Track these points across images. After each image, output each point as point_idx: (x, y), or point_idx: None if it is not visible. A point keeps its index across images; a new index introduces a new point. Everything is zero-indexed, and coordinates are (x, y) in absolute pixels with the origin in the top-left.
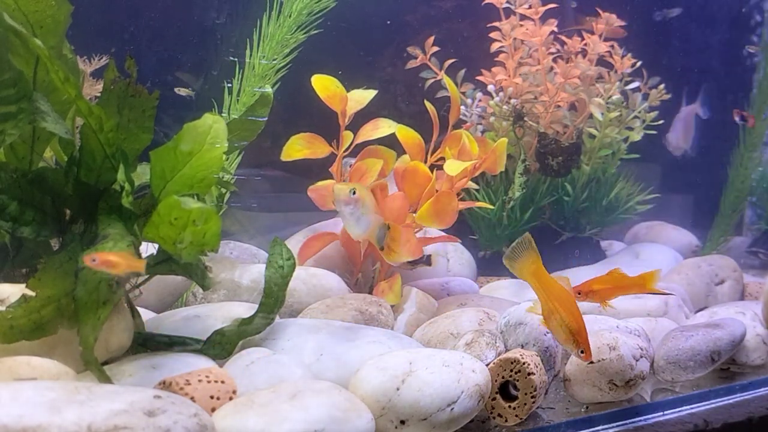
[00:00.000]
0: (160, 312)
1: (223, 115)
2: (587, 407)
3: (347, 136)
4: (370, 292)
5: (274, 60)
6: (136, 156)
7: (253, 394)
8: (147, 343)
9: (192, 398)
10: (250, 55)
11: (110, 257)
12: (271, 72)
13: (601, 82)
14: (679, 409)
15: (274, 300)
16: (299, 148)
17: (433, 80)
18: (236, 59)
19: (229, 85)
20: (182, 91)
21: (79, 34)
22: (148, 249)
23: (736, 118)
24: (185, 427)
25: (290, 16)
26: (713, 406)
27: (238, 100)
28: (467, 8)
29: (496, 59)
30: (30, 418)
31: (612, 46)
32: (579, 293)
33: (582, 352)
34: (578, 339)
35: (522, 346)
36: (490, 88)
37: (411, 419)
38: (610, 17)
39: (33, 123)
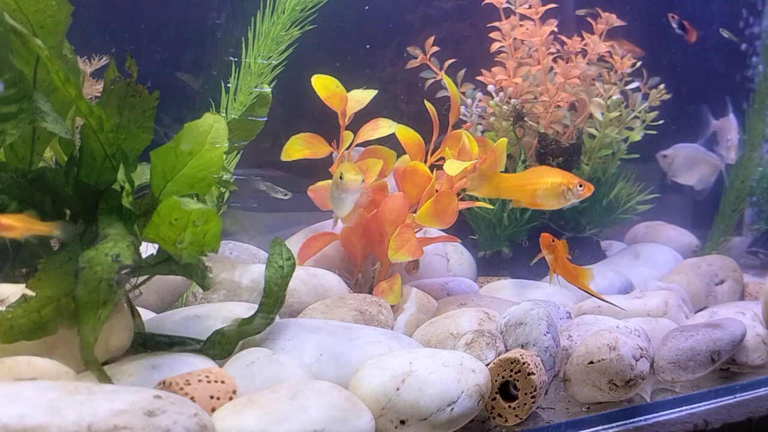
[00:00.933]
0: (160, 312)
1: (222, 114)
2: (588, 407)
3: (347, 136)
4: (370, 292)
5: (270, 58)
6: (136, 156)
7: (253, 394)
8: (147, 343)
9: (192, 398)
10: (246, 53)
11: (4, 220)
12: (267, 70)
13: (600, 81)
14: (679, 409)
15: (274, 300)
16: (299, 148)
17: (433, 80)
18: (233, 58)
19: (227, 84)
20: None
21: (78, 34)
22: (148, 249)
23: (673, 24)
24: (185, 427)
25: (284, 13)
26: (713, 406)
27: (235, 99)
28: (467, 8)
29: (496, 59)
30: (30, 418)
31: (612, 46)
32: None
33: (580, 185)
34: (566, 180)
35: (522, 346)
36: (490, 88)
37: (411, 419)
38: (610, 17)
39: (33, 123)
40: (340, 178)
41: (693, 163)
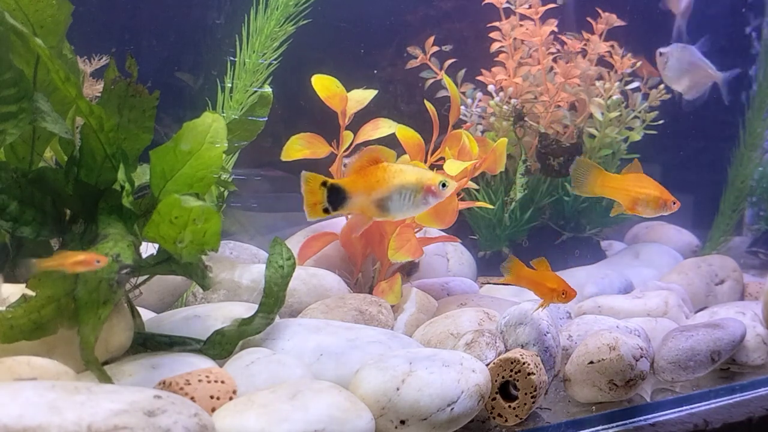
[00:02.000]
0: (160, 312)
1: (223, 114)
2: (594, 407)
3: (347, 136)
4: (370, 292)
5: (264, 54)
6: (136, 156)
7: (253, 394)
8: (147, 343)
9: (192, 398)
10: (241, 50)
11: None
12: (263, 68)
13: (597, 84)
14: (679, 409)
15: (274, 300)
16: (299, 148)
17: (433, 80)
18: (230, 58)
19: (223, 84)
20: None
21: (77, 34)
22: (148, 249)
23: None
24: (185, 427)
25: (277, 9)
26: (713, 406)
27: (231, 98)
28: (467, 8)
29: (496, 59)
30: (30, 418)
31: (612, 46)
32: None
33: (674, 203)
34: (664, 196)
35: (522, 346)
36: (490, 88)
37: (411, 419)
38: (610, 17)
39: (33, 123)
40: (443, 186)
41: (687, 67)
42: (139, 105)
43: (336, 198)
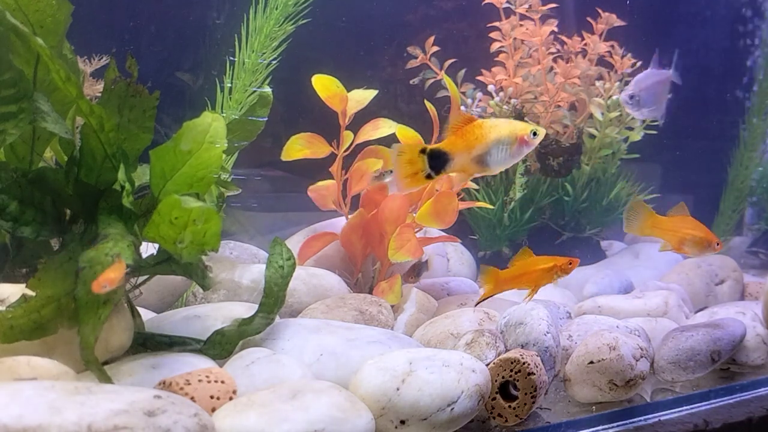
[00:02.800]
0: (160, 312)
1: (223, 114)
2: (594, 407)
3: (347, 136)
4: (370, 292)
5: (263, 54)
6: (136, 156)
7: (253, 394)
8: (147, 343)
9: (192, 398)
10: (240, 50)
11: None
12: (262, 67)
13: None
14: (679, 409)
15: (274, 300)
16: (299, 148)
17: (433, 80)
18: (230, 57)
19: (222, 83)
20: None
21: (77, 34)
22: (148, 249)
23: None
24: (185, 427)
25: (277, 8)
26: (713, 406)
27: (230, 97)
28: (467, 8)
29: (496, 59)
30: (30, 418)
31: (612, 46)
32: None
33: (717, 244)
34: (709, 237)
35: (522, 346)
36: (490, 88)
37: (411, 419)
38: (610, 17)
39: (33, 123)
40: (534, 134)
41: (655, 89)
42: (139, 105)
43: (437, 162)
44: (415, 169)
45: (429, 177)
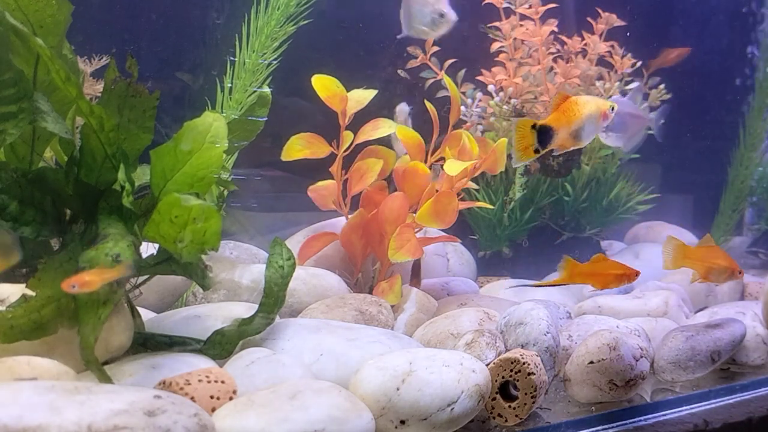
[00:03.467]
0: (160, 312)
1: (223, 114)
2: (594, 407)
3: (347, 136)
4: (370, 292)
5: (264, 55)
6: (136, 156)
7: (253, 394)
8: (147, 343)
9: (192, 398)
10: (240, 50)
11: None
12: (263, 67)
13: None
14: (679, 409)
15: (274, 300)
16: (299, 148)
17: (433, 80)
18: (230, 57)
19: (222, 83)
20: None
21: (78, 34)
22: (148, 249)
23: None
24: (185, 427)
25: (278, 9)
26: (713, 406)
27: (230, 97)
28: (467, 8)
29: (496, 59)
30: (30, 418)
31: (612, 46)
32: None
33: (740, 272)
34: (732, 266)
35: (522, 346)
36: (490, 88)
37: (411, 419)
38: (610, 17)
39: (33, 123)
40: (612, 110)
41: (627, 121)
42: (140, 105)
43: (543, 137)
44: (526, 143)
45: (536, 151)
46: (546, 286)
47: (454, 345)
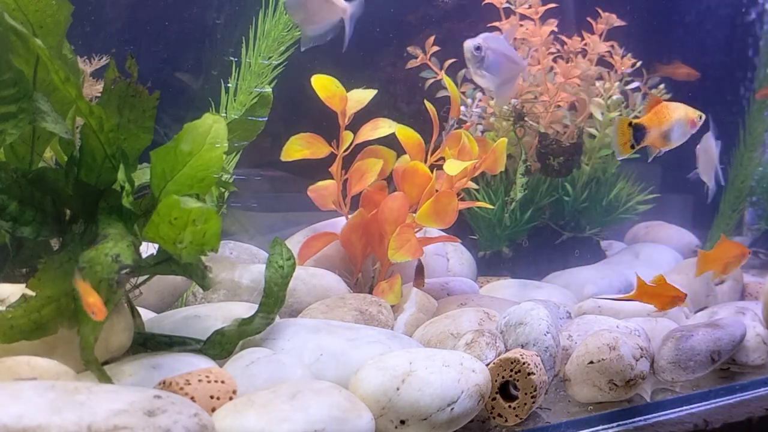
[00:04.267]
0: (160, 312)
1: (223, 115)
2: (591, 408)
3: (347, 136)
4: (370, 292)
5: (270, 58)
6: (136, 156)
7: (253, 394)
8: (147, 343)
9: (192, 398)
10: (246, 53)
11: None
12: (268, 70)
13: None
14: (679, 409)
15: (274, 300)
16: (299, 148)
17: (433, 80)
18: (233, 58)
19: (227, 84)
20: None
21: (78, 34)
22: (148, 249)
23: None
24: (185, 427)
25: (286, 13)
26: (713, 406)
27: (235, 99)
28: (467, 8)
29: None
30: (30, 418)
31: (612, 46)
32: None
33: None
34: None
35: (522, 346)
36: None
37: (411, 419)
38: (610, 17)
39: (33, 123)
40: (699, 117)
41: (500, 60)
42: (139, 105)
43: (638, 135)
44: (624, 139)
45: (632, 147)
46: (618, 300)
47: (454, 345)
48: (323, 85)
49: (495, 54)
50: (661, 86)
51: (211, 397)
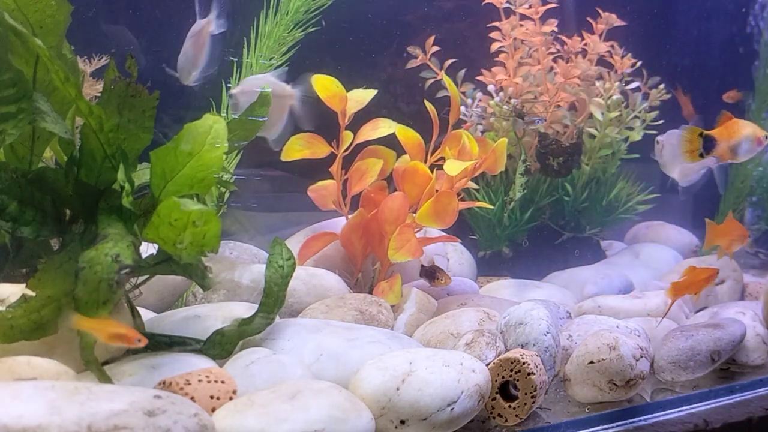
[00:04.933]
0: (160, 312)
1: (223, 115)
2: (588, 408)
3: (347, 136)
4: (370, 292)
5: (272, 59)
6: (136, 156)
7: (253, 394)
8: (147, 343)
9: (192, 398)
10: (248, 54)
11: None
12: (269, 71)
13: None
14: (679, 409)
15: (274, 300)
16: (299, 148)
17: (433, 80)
18: (233, 59)
19: (228, 84)
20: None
21: (79, 34)
22: (148, 249)
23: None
24: (185, 427)
25: (287, 14)
26: (713, 406)
27: None
28: (467, 8)
29: (496, 59)
30: (30, 418)
31: (612, 46)
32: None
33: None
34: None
35: (522, 346)
36: (490, 88)
37: (411, 419)
38: (610, 17)
39: (33, 123)
40: (766, 137)
41: (250, 99)
42: (139, 105)
43: (708, 145)
44: (692, 147)
45: (701, 155)
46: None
47: (454, 345)
48: (323, 85)
49: (244, 95)
50: (661, 86)
51: (211, 397)
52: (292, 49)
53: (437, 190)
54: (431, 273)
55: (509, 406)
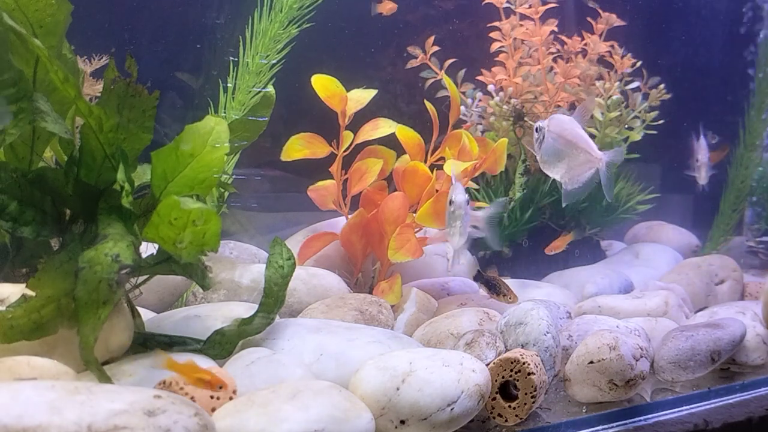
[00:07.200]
0: (160, 312)
1: (223, 115)
2: (586, 408)
3: (347, 136)
4: (370, 292)
5: (268, 56)
6: (136, 156)
7: (253, 394)
8: (147, 343)
9: (192, 398)
10: (244, 52)
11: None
12: (266, 69)
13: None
14: (679, 409)
15: (274, 300)
16: (299, 148)
17: (433, 80)
18: (231, 58)
19: (225, 84)
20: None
21: (79, 34)
22: (148, 249)
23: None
24: (185, 427)
25: (281, 11)
26: (713, 406)
27: (233, 98)
28: (467, 8)
29: (496, 59)
30: (30, 418)
31: (612, 46)
32: None
33: None
34: None
35: (522, 346)
36: (490, 88)
37: (411, 419)
38: (610, 17)
39: (33, 123)
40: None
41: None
42: (139, 105)
43: None
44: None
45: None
46: None
47: (454, 345)
48: (323, 84)
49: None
50: (661, 86)
51: (211, 397)
52: (288, 46)
53: (437, 190)
54: (492, 285)
55: (509, 406)
